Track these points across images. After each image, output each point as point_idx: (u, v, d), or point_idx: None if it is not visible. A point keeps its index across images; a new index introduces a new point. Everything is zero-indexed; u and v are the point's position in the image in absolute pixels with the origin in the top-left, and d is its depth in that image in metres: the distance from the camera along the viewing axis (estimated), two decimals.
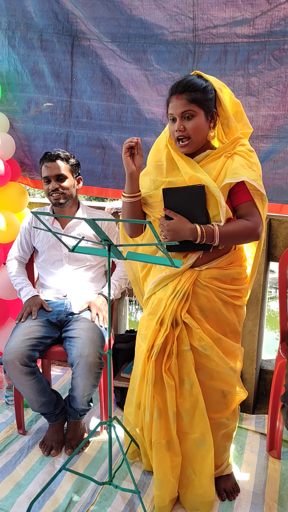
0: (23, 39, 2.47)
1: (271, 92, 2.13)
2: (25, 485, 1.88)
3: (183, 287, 1.61)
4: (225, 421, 1.74)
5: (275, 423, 2.03)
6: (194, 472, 1.72)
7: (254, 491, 1.86)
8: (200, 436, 1.67)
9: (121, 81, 2.38)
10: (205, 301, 1.63)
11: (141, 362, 1.69)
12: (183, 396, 1.65)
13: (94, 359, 1.90)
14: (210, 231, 1.53)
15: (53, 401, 2.01)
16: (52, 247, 2.20)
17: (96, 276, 2.25)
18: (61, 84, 2.48)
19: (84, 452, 2.08)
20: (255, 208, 1.60)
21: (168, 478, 1.68)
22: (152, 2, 2.19)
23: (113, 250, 1.56)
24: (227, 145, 1.63)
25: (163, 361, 1.64)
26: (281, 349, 2.02)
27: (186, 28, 2.17)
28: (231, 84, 2.18)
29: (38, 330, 2.00)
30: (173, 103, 1.58)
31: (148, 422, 1.68)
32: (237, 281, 1.68)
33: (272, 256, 2.34)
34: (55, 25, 2.40)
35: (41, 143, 2.60)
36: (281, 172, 2.22)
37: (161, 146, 1.72)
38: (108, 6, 2.27)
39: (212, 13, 2.10)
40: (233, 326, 1.71)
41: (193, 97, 1.55)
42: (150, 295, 1.73)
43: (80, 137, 2.53)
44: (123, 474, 1.93)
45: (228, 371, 1.67)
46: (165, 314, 1.63)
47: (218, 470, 1.82)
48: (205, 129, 1.61)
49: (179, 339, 1.63)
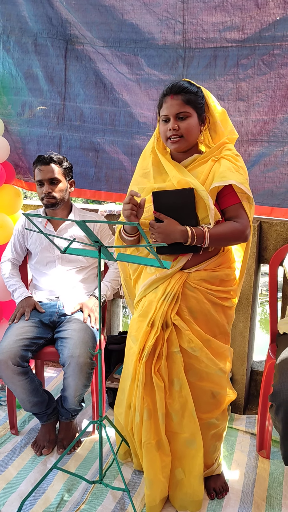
0: (17, 43, 2.50)
1: (260, 97, 2.15)
2: (17, 484, 1.90)
3: (172, 289, 1.63)
4: (214, 421, 1.77)
5: (265, 423, 2.05)
6: (184, 472, 1.74)
7: (243, 490, 1.88)
8: (189, 436, 1.69)
9: (114, 85, 2.40)
10: (194, 302, 1.65)
11: (131, 363, 1.71)
12: (173, 397, 1.68)
13: (85, 359, 1.92)
14: (200, 233, 1.56)
15: (45, 401, 2.03)
16: (45, 249, 2.23)
17: (88, 278, 2.27)
18: (54, 87, 2.50)
19: (76, 452, 2.10)
20: (242, 211, 1.63)
21: (159, 477, 1.70)
22: (143, 7, 2.21)
23: (103, 251, 1.59)
24: (214, 150, 1.67)
25: (153, 363, 1.66)
26: (270, 350, 2.05)
27: (176, 33, 2.19)
28: (221, 89, 2.20)
29: (31, 331, 2.02)
30: (168, 103, 1.62)
31: (138, 422, 1.70)
32: (225, 283, 1.71)
33: (262, 258, 2.37)
34: (49, 29, 2.42)
35: (35, 146, 2.63)
36: (271, 176, 2.25)
37: (146, 154, 1.75)
38: (100, 10, 2.30)
39: (202, 18, 2.13)
40: (222, 327, 1.73)
41: (188, 98, 1.60)
42: (140, 298, 1.75)
43: (73, 140, 2.55)
44: (114, 473, 1.95)
45: (217, 372, 1.69)
46: (155, 316, 1.65)
47: (208, 470, 1.84)
48: (197, 131, 1.65)
49: (169, 341, 1.65)
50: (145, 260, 1.61)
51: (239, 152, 2.24)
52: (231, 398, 1.81)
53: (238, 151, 2.23)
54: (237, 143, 2.24)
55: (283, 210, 2.28)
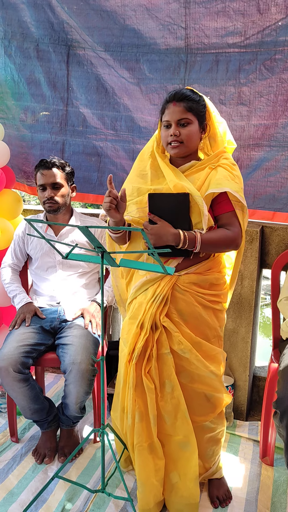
0: (19, 48, 2.49)
1: (262, 101, 2.15)
2: (17, 493, 1.87)
3: (162, 291, 1.65)
4: (209, 424, 1.76)
5: (268, 430, 2.03)
6: (179, 475, 1.72)
7: (247, 498, 1.86)
8: (183, 438, 1.69)
9: (115, 90, 2.40)
10: (184, 305, 1.66)
11: (123, 366, 1.72)
12: (165, 399, 1.67)
13: (87, 366, 1.90)
14: (192, 237, 1.57)
15: (45, 408, 2.01)
16: (45, 254, 2.21)
17: (89, 283, 2.26)
18: (57, 93, 2.50)
19: (77, 460, 2.07)
20: (235, 219, 1.66)
21: (151, 481, 1.69)
22: (145, 12, 2.21)
23: (106, 257, 1.58)
24: (212, 157, 1.70)
25: (143, 365, 1.66)
26: (273, 356, 2.03)
27: (179, 38, 2.19)
28: (222, 93, 2.21)
29: (32, 337, 2.00)
30: (170, 109, 1.65)
31: (130, 425, 1.70)
32: (215, 287, 1.72)
33: (264, 263, 2.36)
34: (51, 35, 2.42)
35: (38, 151, 2.63)
36: (273, 180, 2.25)
37: (145, 156, 1.78)
38: (101, 15, 2.30)
39: (204, 23, 2.13)
40: (215, 331, 1.74)
41: (190, 106, 1.63)
42: (131, 300, 1.76)
43: (76, 145, 2.55)
44: (116, 482, 1.93)
45: (208, 374, 1.69)
46: (145, 318, 1.66)
47: (208, 473, 1.84)
48: (197, 138, 1.69)
49: (159, 343, 1.66)
50: (148, 266, 1.60)
51: (241, 157, 2.26)
52: (226, 401, 1.80)
53: (240, 155, 2.26)
54: (239, 147, 2.24)
55: (285, 214, 2.27)
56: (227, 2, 2.06)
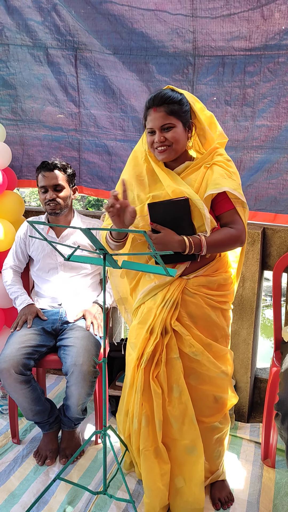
0: (31, 54, 2.53)
1: (265, 103, 2.17)
2: (19, 495, 1.87)
3: (172, 296, 1.64)
4: (218, 425, 1.76)
5: (269, 432, 2.03)
6: (184, 480, 1.72)
7: (249, 500, 1.86)
8: (190, 442, 1.68)
9: (122, 91, 2.43)
10: (194, 308, 1.66)
11: (130, 370, 1.71)
12: (172, 403, 1.67)
13: (89, 367, 1.90)
14: (197, 242, 1.56)
15: (47, 410, 2.01)
16: (47, 256, 2.21)
17: (91, 284, 2.26)
18: (69, 96, 2.55)
19: (79, 461, 2.07)
20: (237, 216, 1.65)
21: (158, 485, 1.69)
22: (153, 16, 2.23)
23: (108, 259, 1.58)
24: (205, 156, 1.67)
25: (152, 369, 1.66)
26: (275, 358, 2.03)
27: (186, 41, 2.22)
28: (228, 94, 2.23)
29: (33, 339, 2.00)
30: (152, 116, 1.61)
31: (136, 429, 1.69)
32: (223, 287, 1.72)
33: (266, 265, 2.36)
34: (58, 38, 2.45)
35: (57, 151, 2.68)
36: (275, 182, 2.25)
37: (139, 159, 1.73)
38: (109, 19, 2.31)
39: (211, 28, 2.16)
40: (223, 330, 1.74)
41: (171, 109, 1.59)
42: (139, 305, 1.75)
43: (89, 144, 2.62)
44: (118, 483, 1.92)
45: (219, 374, 1.69)
46: (155, 323, 1.65)
47: (213, 476, 1.83)
48: (184, 139, 1.65)
49: (168, 347, 1.65)
50: (150, 268, 1.60)
51: (243, 158, 2.27)
52: (232, 402, 1.80)
53: (242, 157, 2.27)
54: (242, 148, 2.25)
55: (287, 216, 2.28)
56: (232, 9, 2.09)
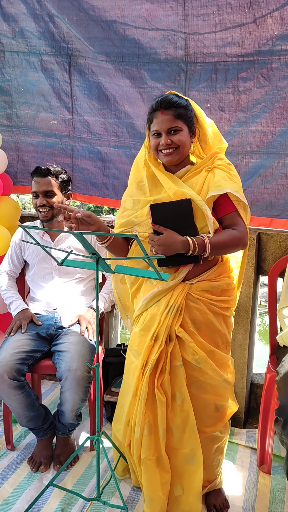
0: (26, 60, 2.55)
1: (259, 108, 2.18)
2: (12, 502, 1.85)
3: (176, 302, 1.62)
4: (218, 434, 1.74)
5: (265, 437, 2.02)
6: (182, 488, 1.70)
7: (244, 506, 1.84)
8: (190, 451, 1.66)
9: (116, 97, 2.44)
10: (197, 314, 1.64)
11: (133, 378, 1.68)
12: (174, 411, 1.65)
13: (83, 373, 1.89)
14: (201, 242, 1.55)
15: (41, 416, 2.00)
16: (42, 260, 2.21)
17: (86, 290, 2.25)
18: (62, 102, 2.56)
19: (73, 467, 2.05)
20: (239, 218, 1.65)
21: (159, 495, 1.67)
22: (145, 23, 2.25)
23: (101, 263, 1.57)
24: (206, 160, 1.68)
25: (156, 377, 1.64)
26: (270, 363, 2.02)
27: (179, 48, 2.23)
28: (222, 101, 2.24)
29: (28, 344, 1.99)
30: (159, 118, 1.62)
31: (138, 438, 1.67)
32: (226, 292, 1.70)
33: (261, 270, 2.35)
34: (52, 45, 2.47)
35: (51, 157, 2.70)
36: (270, 187, 2.26)
37: (140, 166, 1.75)
38: (102, 26, 2.33)
39: (203, 34, 2.17)
40: (225, 337, 1.72)
41: (178, 112, 1.61)
42: (141, 312, 1.73)
43: (83, 150, 2.63)
44: (112, 490, 1.91)
45: (222, 383, 1.67)
46: (159, 330, 1.63)
47: (211, 485, 1.81)
48: (189, 143, 1.67)
49: (172, 355, 1.63)
50: (143, 272, 1.59)
51: (238, 163, 2.27)
52: (232, 410, 1.79)
53: (237, 162, 2.27)
54: (237, 154, 2.26)
55: (282, 221, 2.28)
56: (225, 15, 2.10)
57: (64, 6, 2.36)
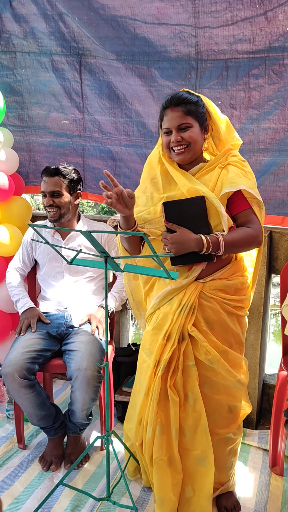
0: (37, 61, 2.56)
1: (271, 105, 2.15)
2: (23, 500, 1.86)
3: (189, 300, 1.60)
4: (231, 436, 1.72)
5: (277, 439, 1.99)
6: (193, 490, 1.68)
7: (256, 508, 1.82)
8: (201, 453, 1.64)
9: (127, 96, 2.44)
10: (210, 313, 1.62)
11: (146, 377, 1.67)
12: (186, 411, 1.63)
13: (93, 372, 1.89)
14: (215, 241, 1.53)
15: (52, 415, 2.00)
16: (53, 259, 2.21)
17: (97, 289, 2.25)
18: (73, 102, 2.57)
19: (84, 467, 2.05)
20: (254, 216, 1.61)
21: (170, 496, 1.65)
22: (155, 21, 2.24)
23: (110, 262, 1.57)
24: (219, 157, 1.66)
25: (168, 377, 1.62)
26: (283, 363, 2.00)
27: (189, 45, 2.22)
28: (233, 98, 2.22)
29: (38, 343, 1.99)
30: (169, 115, 1.61)
31: (150, 438, 1.66)
32: (240, 292, 1.68)
33: (273, 268, 2.32)
34: (63, 45, 2.47)
35: (63, 157, 2.69)
36: (282, 185, 2.23)
37: (154, 163, 1.74)
38: (112, 25, 2.33)
39: (213, 31, 2.15)
40: (238, 337, 1.70)
41: (188, 109, 1.59)
42: (154, 310, 1.71)
43: (94, 150, 2.63)
44: (123, 490, 1.90)
45: (235, 384, 1.65)
46: (172, 329, 1.62)
47: (223, 487, 1.79)
48: (201, 140, 1.65)
49: (185, 354, 1.61)
50: (152, 271, 1.58)
51: (250, 161, 2.24)
52: (246, 411, 1.76)
53: (249, 159, 2.24)
54: (248, 151, 2.23)
55: None
56: (235, 11, 2.08)
57: (75, 6, 2.36)
